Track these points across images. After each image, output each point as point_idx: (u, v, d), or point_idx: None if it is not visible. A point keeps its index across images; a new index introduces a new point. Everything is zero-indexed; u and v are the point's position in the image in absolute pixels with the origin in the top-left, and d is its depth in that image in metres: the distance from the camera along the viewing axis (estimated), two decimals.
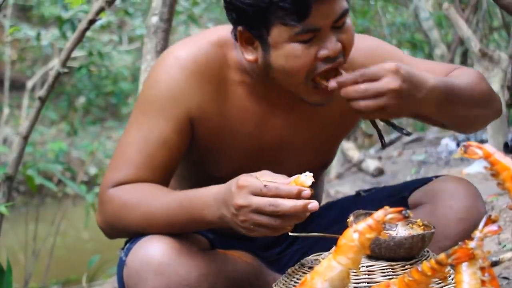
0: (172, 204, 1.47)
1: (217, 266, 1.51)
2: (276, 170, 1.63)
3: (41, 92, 2.70)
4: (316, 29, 1.44)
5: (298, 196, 1.30)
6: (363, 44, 1.63)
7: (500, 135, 3.37)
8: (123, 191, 1.53)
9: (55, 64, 2.80)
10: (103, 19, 4.16)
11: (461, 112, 1.57)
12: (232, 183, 1.36)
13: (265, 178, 1.33)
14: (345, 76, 1.44)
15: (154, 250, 1.44)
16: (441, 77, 1.54)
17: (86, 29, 2.69)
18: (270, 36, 1.45)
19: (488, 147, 1.20)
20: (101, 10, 2.66)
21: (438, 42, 7.56)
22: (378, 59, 1.59)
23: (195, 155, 1.63)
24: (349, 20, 1.50)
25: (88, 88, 9.44)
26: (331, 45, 1.45)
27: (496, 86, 3.42)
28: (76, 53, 6.95)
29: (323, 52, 1.45)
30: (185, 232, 1.51)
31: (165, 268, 1.43)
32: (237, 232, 1.73)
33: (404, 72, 1.42)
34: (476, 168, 4.22)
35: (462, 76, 1.62)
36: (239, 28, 1.48)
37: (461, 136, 5.67)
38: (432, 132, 7.14)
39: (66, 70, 2.68)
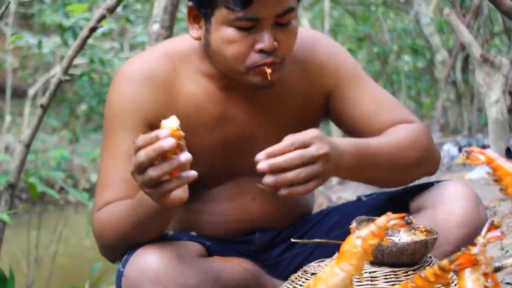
0: (132, 205, 1.48)
1: (215, 273, 1.51)
2: (247, 162, 1.66)
3: (42, 100, 2.70)
4: (255, 19, 1.48)
5: (157, 138, 1.28)
6: (304, 36, 1.65)
7: (502, 140, 3.37)
8: (103, 211, 1.56)
9: (56, 71, 2.81)
10: (105, 27, 4.17)
11: (368, 174, 1.55)
12: None
13: None
14: (272, 148, 1.38)
15: (151, 259, 1.45)
16: (355, 141, 1.52)
17: (88, 36, 2.70)
18: (213, 16, 1.50)
19: (491, 153, 1.20)
20: (102, 17, 2.67)
21: (439, 48, 7.57)
22: (316, 50, 1.68)
23: None
24: (294, 22, 1.54)
25: (89, 95, 9.44)
26: (268, 40, 1.49)
27: (497, 91, 3.42)
28: (78, 60, 6.96)
29: (258, 45, 1.50)
30: (156, 230, 1.51)
31: (163, 277, 1.43)
32: (233, 236, 1.74)
33: (326, 137, 1.42)
34: (478, 173, 4.22)
35: (392, 137, 1.60)
36: (189, 3, 1.55)
37: (463, 142, 5.68)
38: (434, 137, 7.13)
39: (67, 77, 2.69)
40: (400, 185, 1.68)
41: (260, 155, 1.37)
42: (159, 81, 1.62)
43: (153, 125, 1.60)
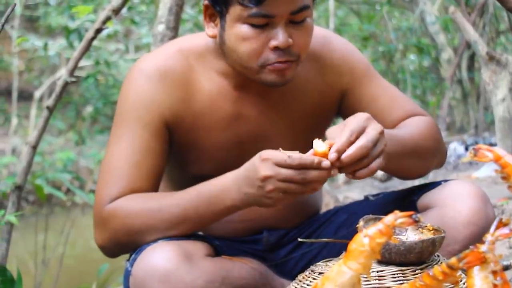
0: (187, 198, 1.50)
1: (223, 272, 1.51)
2: None
3: (49, 102, 2.70)
4: (269, 16, 1.49)
5: (319, 165, 1.37)
6: (315, 33, 1.64)
7: (509, 138, 3.35)
8: (124, 201, 1.55)
9: (62, 73, 2.81)
10: (110, 28, 4.18)
11: (401, 163, 1.60)
12: (255, 159, 1.42)
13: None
14: (338, 143, 1.41)
15: (159, 258, 1.45)
16: (388, 130, 1.56)
17: (93, 38, 2.70)
18: (228, 13, 1.51)
19: (499, 150, 1.19)
20: (107, 19, 2.67)
21: (444, 46, 7.55)
22: (332, 48, 1.70)
23: (178, 157, 1.67)
24: (310, 21, 1.55)
25: (95, 97, 9.46)
26: (282, 37, 1.50)
27: (504, 89, 3.41)
28: (83, 62, 6.98)
29: (272, 42, 1.50)
30: (204, 225, 1.55)
31: (171, 276, 1.43)
32: (241, 236, 1.74)
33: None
34: (485, 172, 4.21)
35: (412, 128, 1.65)
36: (205, 2, 1.56)
37: (469, 140, 5.67)
38: None
39: (73, 79, 2.69)
40: (418, 176, 1.72)
41: (332, 155, 1.39)
42: (175, 78, 1.62)
43: (169, 122, 1.61)
